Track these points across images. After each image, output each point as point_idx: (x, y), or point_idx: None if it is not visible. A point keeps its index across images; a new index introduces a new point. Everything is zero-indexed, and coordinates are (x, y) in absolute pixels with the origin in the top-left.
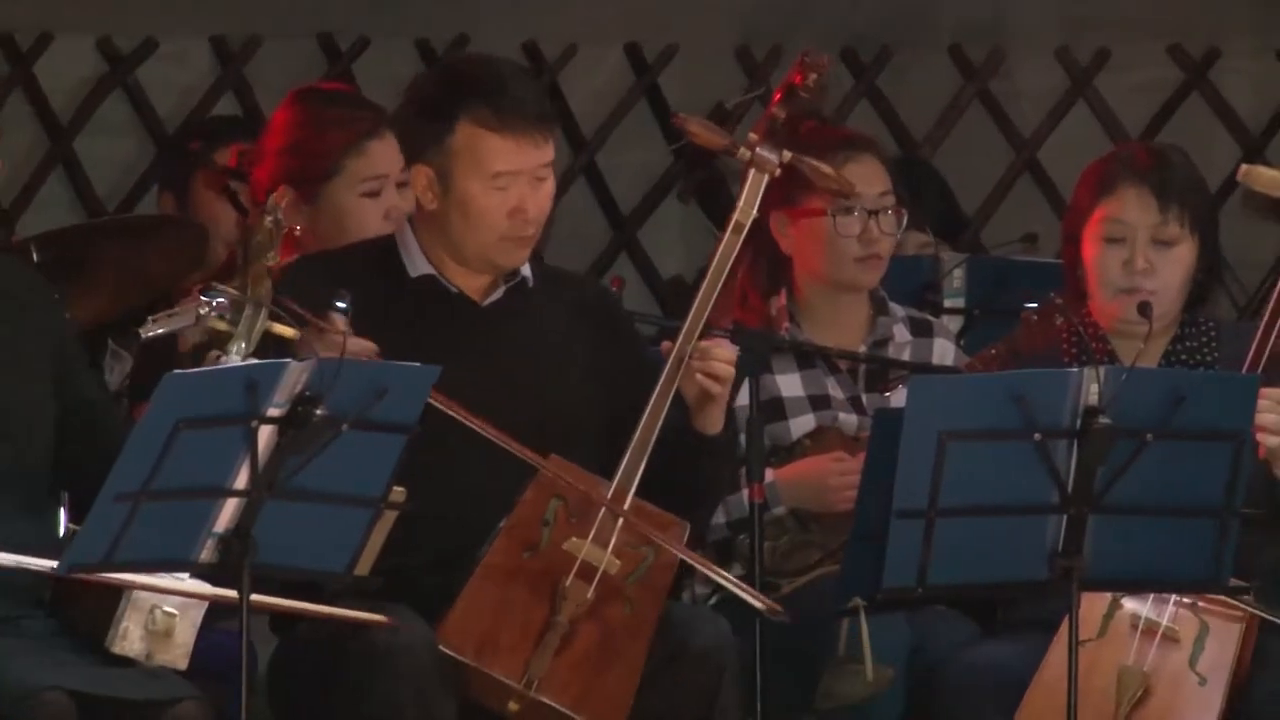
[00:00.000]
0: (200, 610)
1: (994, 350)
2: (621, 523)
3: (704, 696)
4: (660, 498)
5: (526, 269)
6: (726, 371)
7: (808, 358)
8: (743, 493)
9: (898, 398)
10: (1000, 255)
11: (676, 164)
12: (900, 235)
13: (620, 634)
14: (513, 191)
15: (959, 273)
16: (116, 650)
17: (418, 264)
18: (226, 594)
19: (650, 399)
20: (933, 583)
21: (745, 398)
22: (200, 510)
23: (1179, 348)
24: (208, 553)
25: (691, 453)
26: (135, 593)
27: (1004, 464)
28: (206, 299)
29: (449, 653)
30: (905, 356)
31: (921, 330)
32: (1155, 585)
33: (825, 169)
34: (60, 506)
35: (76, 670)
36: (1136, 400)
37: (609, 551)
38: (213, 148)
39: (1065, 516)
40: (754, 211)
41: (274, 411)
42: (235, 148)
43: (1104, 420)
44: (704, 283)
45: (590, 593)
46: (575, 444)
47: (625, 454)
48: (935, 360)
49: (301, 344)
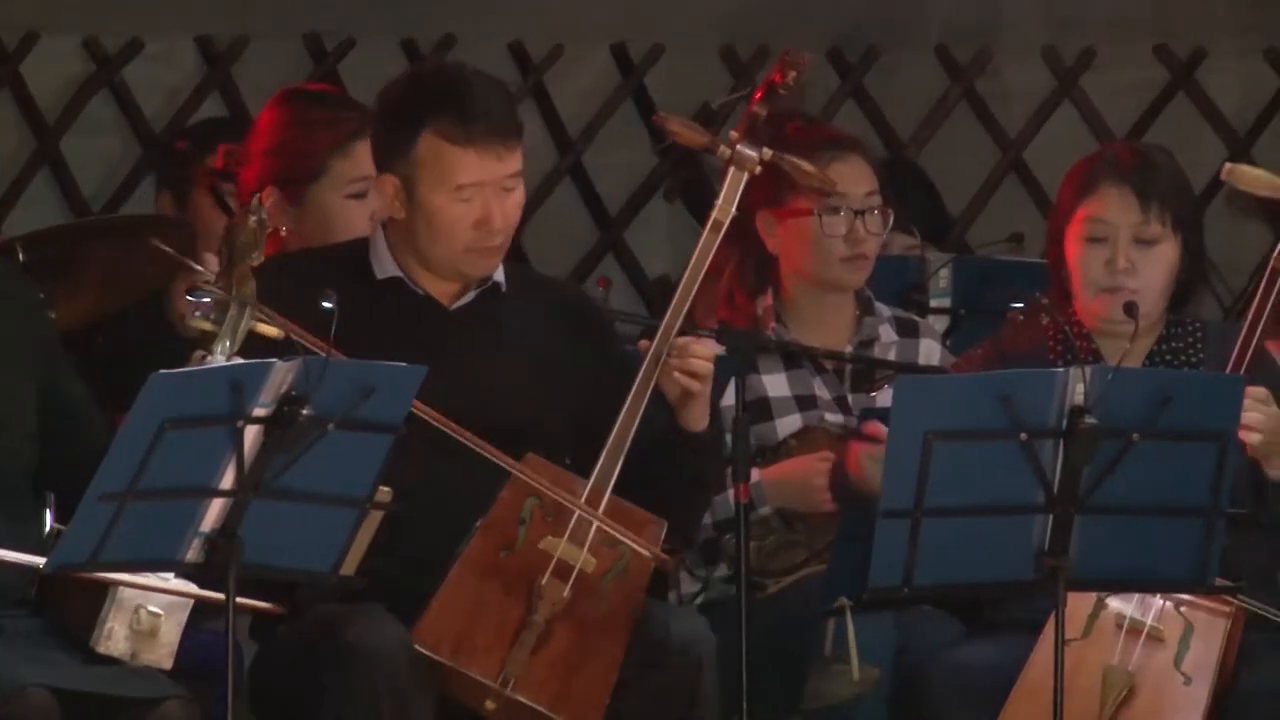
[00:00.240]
0: (186, 610)
1: (980, 350)
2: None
3: (684, 695)
4: (647, 496)
5: (500, 274)
6: (704, 368)
7: (794, 358)
8: (728, 493)
9: (883, 398)
10: (986, 255)
11: (662, 164)
12: (886, 235)
13: (597, 632)
14: (477, 202)
15: (945, 273)
16: (101, 650)
17: (385, 266)
18: (210, 595)
19: (627, 398)
20: (919, 583)
21: (731, 397)
22: (186, 510)
23: (1164, 348)
24: (194, 553)
25: (676, 450)
26: (120, 592)
27: (990, 464)
28: (193, 299)
29: (425, 652)
30: (891, 356)
31: (907, 330)
32: (1141, 585)
33: (806, 166)
34: (46, 507)
35: (60, 668)
36: (1122, 400)
37: (585, 550)
38: (203, 149)
39: (1051, 516)
40: (733, 209)
41: (260, 411)
42: (222, 148)
43: (1090, 420)
44: (683, 280)
45: (566, 591)
46: (552, 444)
47: (601, 453)
48: (921, 360)
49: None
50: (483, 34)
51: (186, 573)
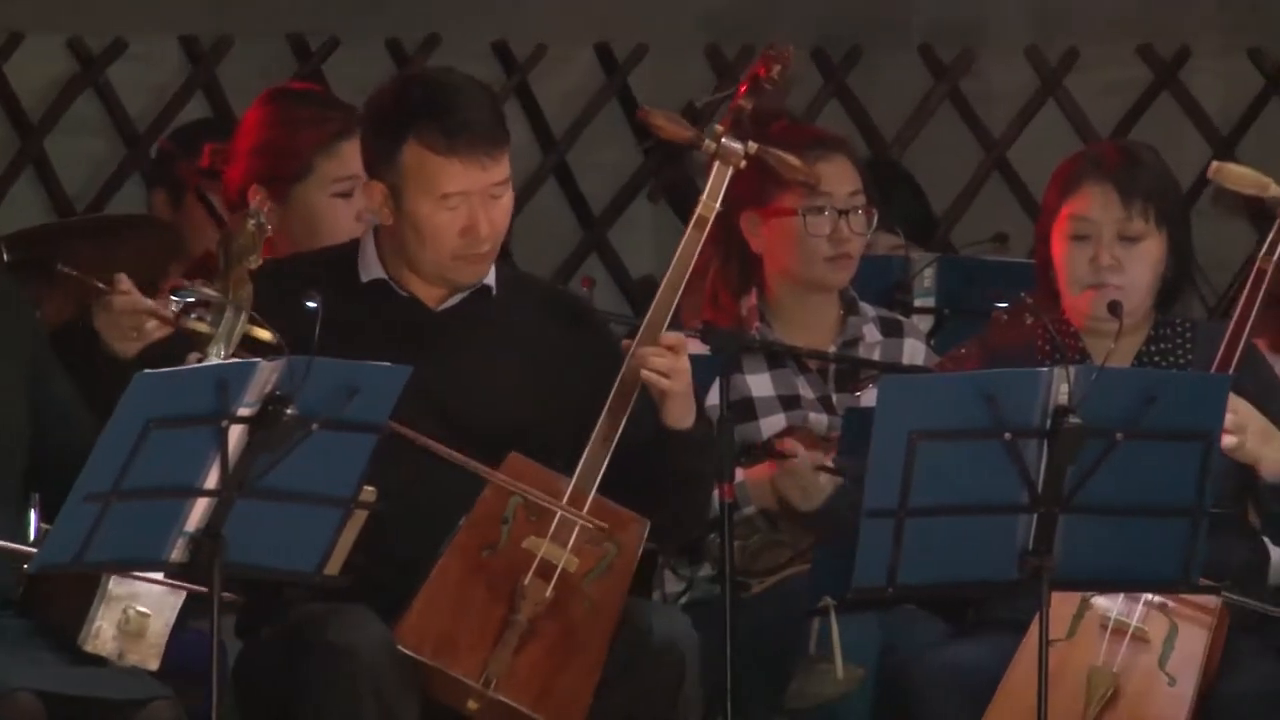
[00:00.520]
0: (174, 611)
1: (964, 350)
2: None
3: (666, 693)
4: (640, 496)
5: (491, 276)
6: (666, 365)
7: (778, 357)
8: (713, 493)
9: (868, 397)
10: (970, 255)
11: (647, 164)
12: (871, 235)
13: (579, 632)
14: (463, 211)
15: (929, 272)
16: (89, 649)
17: (371, 269)
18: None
19: (609, 398)
20: (903, 582)
21: (715, 397)
22: (171, 510)
23: (1152, 348)
24: (178, 552)
25: (663, 449)
26: (108, 592)
27: (974, 463)
28: (177, 299)
29: (407, 652)
30: (875, 356)
31: (892, 330)
32: (1126, 585)
33: (791, 160)
34: (32, 507)
35: (47, 670)
36: (1107, 400)
37: (568, 549)
38: (189, 150)
39: (1035, 516)
40: (718, 204)
41: (244, 411)
42: (208, 147)
43: (1074, 420)
44: (667, 276)
45: (549, 591)
46: (547, 444)
47: (584, 452)
48: (906, 360)
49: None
50: (467, 34)
51: (171, 572)
